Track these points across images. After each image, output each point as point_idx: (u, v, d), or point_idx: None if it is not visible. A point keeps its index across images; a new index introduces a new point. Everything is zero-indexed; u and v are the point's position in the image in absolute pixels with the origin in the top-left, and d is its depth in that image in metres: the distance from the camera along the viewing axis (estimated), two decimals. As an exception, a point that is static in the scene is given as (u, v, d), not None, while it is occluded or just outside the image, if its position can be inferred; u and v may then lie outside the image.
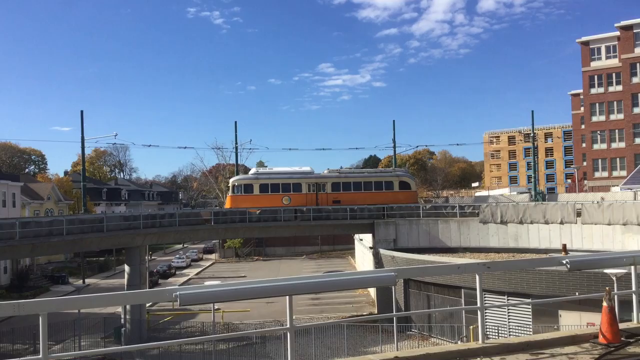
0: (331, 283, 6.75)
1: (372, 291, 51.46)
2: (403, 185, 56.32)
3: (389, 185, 55.93)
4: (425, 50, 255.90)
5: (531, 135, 64.05)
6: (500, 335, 30.75)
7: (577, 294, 27.46)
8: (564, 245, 38.21)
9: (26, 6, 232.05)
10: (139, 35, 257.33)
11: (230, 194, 56.46)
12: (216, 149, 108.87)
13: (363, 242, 62.31)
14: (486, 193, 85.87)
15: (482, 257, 41.20)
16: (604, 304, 7.38)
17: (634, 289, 7.99)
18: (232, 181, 57.59)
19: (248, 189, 54.99)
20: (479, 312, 7.38)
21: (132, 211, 70.31)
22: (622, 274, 21.16)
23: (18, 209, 68.26)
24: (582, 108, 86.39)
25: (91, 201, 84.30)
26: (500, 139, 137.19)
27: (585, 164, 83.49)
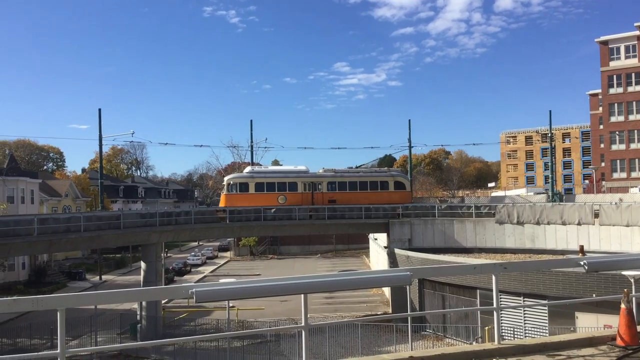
0: (347, 282, 6.75)
1: (387, 291, 51.36)
2: (398, 185, 55.85)
3: (384, 185, 55.44)
4: (441, 50, 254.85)
5: (549, 135, 63.49)
6: (515, 336, 30.54)
7: (594, 295, 27.19)
8: (581, 247, 37.90)
9: (45, 4, 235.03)
10: (156, 34, 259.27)
11: (225, 193, 54.78)
12: (232, 147, 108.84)
13: (378, 242, 62.18)
14: (502, 193, 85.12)
15: (498, 258, 40.92)
16: (622, 306, 7.31)
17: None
18: (227, 179, 55.99)
19: (243, 187, 53.79)
20: (495, 313, 7.36)
21: (148, 209, 70.88)
22: (641, 276, 20.91)
23: (36, 205, 69.10)
24: (600, 108, 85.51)
25: (108, 198, 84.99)
26: (517, 139, 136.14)
27: (603, 164, 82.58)
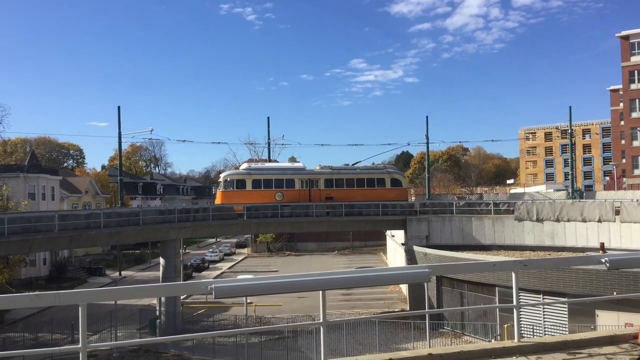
0: (365, 278, 6.73)
1: (404, 288, 51.23)
2: (394, 183, 55.33)
3: (381, 182, 54.79)
4: (459, 45, 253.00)
5: (569, 131, 62.69)
6: (535, 334, 30.30)
7: (614, 293, 26.87)
8: (602, 244, 37.45)
9: (64, 1, 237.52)
10: (174, 31, 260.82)
11: (221, 190, 53.31)
12: (249, 144, 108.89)
13: (395, 239, 61.98)
14: (522, 190, 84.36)
15: (517, 255, 40.60)
16: (645, 304, 7.22)
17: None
18: (224, 176, 54.64)
19: (240, 184, 52.62)
20: (514, 311, 7.30)
21: (167, 205, 71.38)
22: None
23: (57, 202, 70.06)
24: (621, 104, 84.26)
25: (127, 195, 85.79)
26: (537, 135, 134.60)
27: (624, 161, 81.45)
